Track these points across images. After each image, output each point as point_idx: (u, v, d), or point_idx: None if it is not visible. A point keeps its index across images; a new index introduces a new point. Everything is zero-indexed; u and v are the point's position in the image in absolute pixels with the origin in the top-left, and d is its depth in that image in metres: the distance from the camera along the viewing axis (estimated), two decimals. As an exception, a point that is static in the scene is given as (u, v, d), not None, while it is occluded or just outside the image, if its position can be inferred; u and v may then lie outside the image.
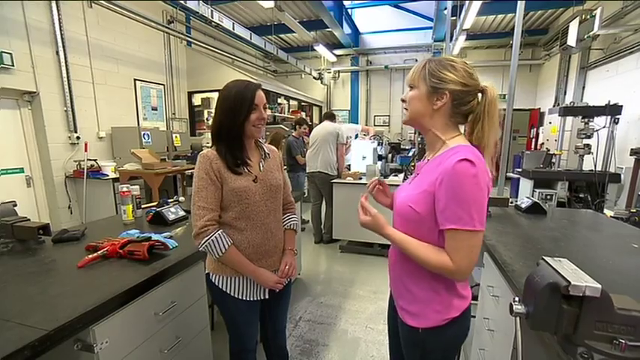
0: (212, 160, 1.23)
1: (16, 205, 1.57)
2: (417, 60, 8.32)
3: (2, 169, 3.68)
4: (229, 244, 1.24)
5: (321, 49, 7.35)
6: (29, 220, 1.53)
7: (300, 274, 3.30)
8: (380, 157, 4.24)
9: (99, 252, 1.38)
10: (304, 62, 8.43)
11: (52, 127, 3.94)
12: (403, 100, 1.01)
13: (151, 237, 1.49)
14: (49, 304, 1.05)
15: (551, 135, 5.32)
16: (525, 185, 3.99)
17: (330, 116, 4.41)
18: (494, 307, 1.49)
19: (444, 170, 0.86)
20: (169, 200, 2.34)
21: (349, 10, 8.13)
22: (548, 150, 4.88)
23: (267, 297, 1.36)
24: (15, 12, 3.57)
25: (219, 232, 1.22)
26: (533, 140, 7.04)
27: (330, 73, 9.04)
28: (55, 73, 3.94)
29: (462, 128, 1.00)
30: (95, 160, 4.14)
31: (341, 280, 3.28)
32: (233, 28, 5.11)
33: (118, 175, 3.95)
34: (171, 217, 1.97)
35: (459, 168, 0.83)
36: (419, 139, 4.22)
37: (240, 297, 1.31)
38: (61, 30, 3.91)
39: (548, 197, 3.57)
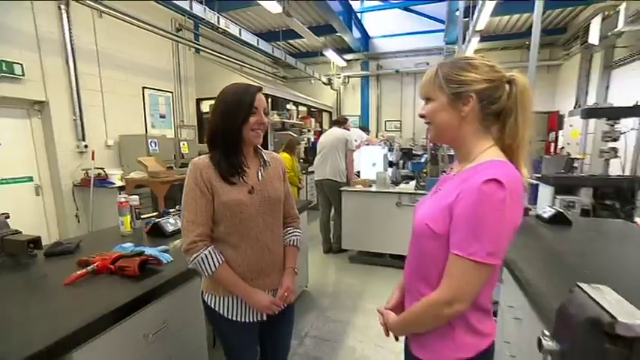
0: (202, 168, 1.15)
1: (8, 217, 1.53)
2: (428, 64, 8.18)
3: (12, 178, 3.72)
4: (221, 261, 1.15)
5: (330, 54, 7.30)
6: (20, 233, 1.49)
7: (307, 286, 3.19)
8: (391, 164, 4.12)
9: (88, 268, 1.31)
10: (313, 68, 8.40)
11: (61, 136, 3.97)
12: (422, 116, 0.91)
13: (143, 252, 1.42)
14: (26, 326, 0.98)
15: (572, 138, 5.09)
16: (545, 192, 3.79)
17: (339, 122, 4.32)
18: (515, 331, 1.36)
19: (468, 187, 0.76)
20: (170, 210, 2.28)
21: (358, 15, 8.08)
22: (569, 154, 4.66)
23: (264, 319, 1.26)
24: (27, 24, 3.63)
25: (209, 248, 1.14)
26: (553, 144, 6.79)
27: (339, 78, 8.98)
28: (65, 82, 3.98)
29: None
30: (102, 168, 4.15)
31: (350, 293, 3.16)
32: (240, 34, 5.11)
33: (124, 184, 3.95)
34: (170, 228, 1.91)
35: (485, 189, 0.72)
36: (431, 144, 4.07)
37: (234, 318, 1.22)
38: (71, 39, 3.96)
39: (571, 204, 3.37)
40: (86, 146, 4.13)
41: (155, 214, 2.27)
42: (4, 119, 3.65)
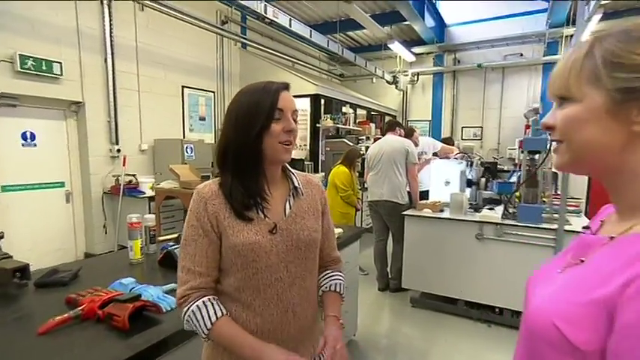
0: (208, 199, 0.95)
1: (2, 237, 1.50)
2: (522, 55, 7.46)
3: (44, 183, 4.01)
4: (220, 313, 0.93)
5: (396, 48, 7.04)
6: (11, 257, 1.43)
7: (356, 335, 2.89)
8: (469, 183, 3.67)
9: (71, 312, 1.19)
10: (375, 64, 8.16)
11: (94, 139, 4.21)
12: (548, 128, 0.59)
13: (140, 295, 1.26)
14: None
15: None
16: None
17: (393, 126, 3.93)
18: None
19: None
20: (191, 233, 2.16)
21: (433, -1, 7.68)
22: None
23: None
24: (68, 20, 3.94)
25: (205, 298, 0.94)
26: None
27: (407, 75, 8.64)
28: (102, 82, 4.24)
29: None
30: (134, 175, 4.31)
31: (410, 350, 2.79)
32: (290, 25, 5.07)
33: (154, 193, 4.04)
34: (185, 258, 1.76)
35: None
36: (527, 158, 3.49)
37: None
38: (111, 35, 4.22)
39: None
40: (119, 150, 4.33)
41: (174, 236, 2.17)
42: (41, 120, 3.96)
